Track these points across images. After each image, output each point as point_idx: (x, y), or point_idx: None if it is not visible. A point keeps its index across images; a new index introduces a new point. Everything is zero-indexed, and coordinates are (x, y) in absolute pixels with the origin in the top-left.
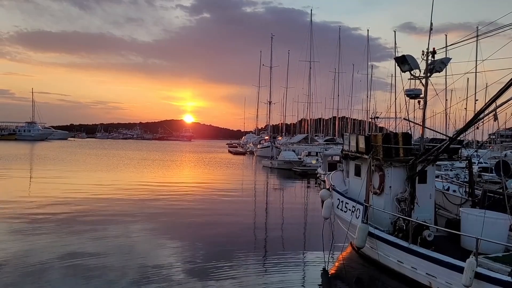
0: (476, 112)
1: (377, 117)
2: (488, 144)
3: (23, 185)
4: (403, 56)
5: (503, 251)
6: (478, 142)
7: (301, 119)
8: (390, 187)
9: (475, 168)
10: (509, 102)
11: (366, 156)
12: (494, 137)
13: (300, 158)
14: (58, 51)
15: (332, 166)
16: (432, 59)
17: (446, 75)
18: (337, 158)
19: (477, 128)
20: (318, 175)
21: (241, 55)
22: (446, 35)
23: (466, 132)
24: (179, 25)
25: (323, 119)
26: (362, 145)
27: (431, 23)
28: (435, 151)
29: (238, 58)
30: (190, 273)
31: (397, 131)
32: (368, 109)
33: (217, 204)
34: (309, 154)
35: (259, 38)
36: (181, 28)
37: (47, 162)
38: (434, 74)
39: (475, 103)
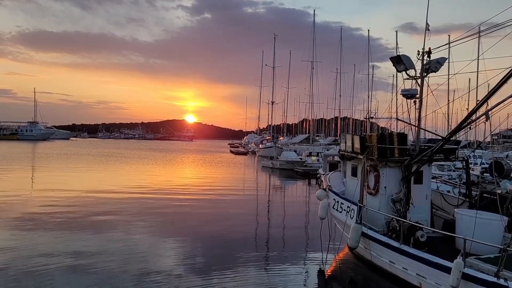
0: (468, 112)
1: (372, 117)
2: (491, 145)
3: (25, 184)
4: (399, 56)
5: (498, 252)
6: (479, 142)
7: (303, 119)
8: (385, 187)
9: (478, 169)
10: (505, 102)
11: (361, 157)
12: (496, 137)
13: (301, 159)
14: (60, 51)
15: (333, 166)
16: (428, 59)
17: (448, 75)
18: (338, 158)
19: (470, 128)
20: (318, 176)
21: (243, 55)
22: (449, 36)
23: (460, 132)
24: (180, 25)
25: (325, 119)
26: (357, 145)
27: (427, 23)
28: (429, 151)
29: (240, 58)
30: (190, 272)
31: (397, 132)
32: (369, 109)
33: (217, 204)
34: (310, 155)
35: (260, 38)
36: (182, 28)
37: (49, 162)
38: (435, 75)
39: (476, 103)
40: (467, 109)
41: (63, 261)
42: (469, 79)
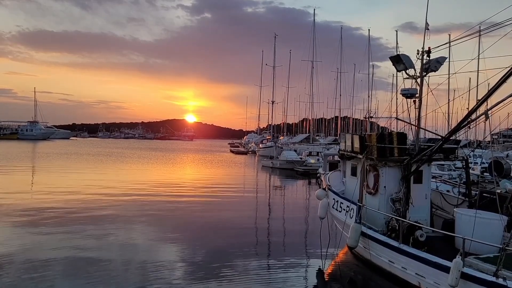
0: (468, 111)
1: (371, 117)
2: (490, 144)
3: (25, 184)
4: (398, 55)
5: (497, 252)
6: (479, 142)
7: (303, 119)
8: (385, 187)
9: (478, 168)
10: (504, 102)
11: (360, 156)
12: (496, 137)
13: (301, 158)
14: (60, 51)
15: (333, 166)
16: (428, 58)
17: (449, 74)
18: (338, 157)
19: (470, 128)
20: (318, 175)
21: (243, 55)
22: (449, 35)
23: (460, 132)
24: (180, 25)
25: (325, 119)
26: (356, 144)
27: (426, 23)
28: (429, 151)
29: (240, 58)
30: (190, 272)
31: (397, 131)
32: (369, 109)
33: (217, 204)
34: (310, 154)
35: (260, 38)
36: (182, 28)
37: (49, 161)
38: (435, 74)
39: (477, 102)
40: (468, 108)
41: (63, 262)
42: (469, 78)
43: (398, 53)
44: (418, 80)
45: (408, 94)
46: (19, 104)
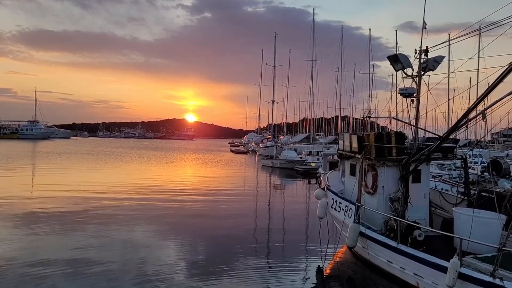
0: (465, 111)
1: (370, 116)
2: (490, 144)
3: (25, 184)
4: (396, 55)
5: (496, 251)
6: (477, 141)
7: (303, 118)
8: (383, 186)
9: (478, 168)
10: (502, 101)
11: (359, 156)
12: (496, 136)
13: (301, 158)
14: (60, 50)
15: (333, 166)
16: (425, 57)
17: (448, 73)
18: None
19: (467, 127)
20: (318, 175)
21: (243, 55)
22: (449, 34)
23: (459, 130)
24: (180, 25)
25: (325, 119)
26: (355, 144)
27: (424, 21)
28: (427, 150)
29: (240, 58)
30: (191, 271)
31: (395, 131)
32: (369, 108)
33: (217, 204)
34: (310, 154)
35: (260, 37)
36: (182, 27)
37: (49, 161)
38: (434, 73)
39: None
40: (468, 107)
41: (63, 262)
42: (470, 78)
43: (397, 52)
44: (417, 79)
45: (407, 93)
46: (19, 103)
